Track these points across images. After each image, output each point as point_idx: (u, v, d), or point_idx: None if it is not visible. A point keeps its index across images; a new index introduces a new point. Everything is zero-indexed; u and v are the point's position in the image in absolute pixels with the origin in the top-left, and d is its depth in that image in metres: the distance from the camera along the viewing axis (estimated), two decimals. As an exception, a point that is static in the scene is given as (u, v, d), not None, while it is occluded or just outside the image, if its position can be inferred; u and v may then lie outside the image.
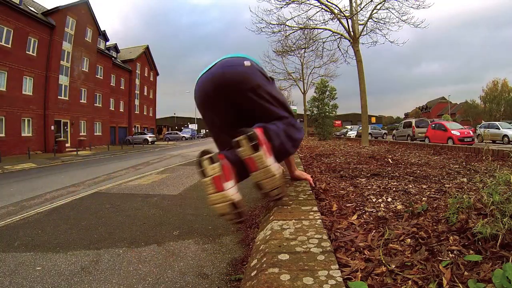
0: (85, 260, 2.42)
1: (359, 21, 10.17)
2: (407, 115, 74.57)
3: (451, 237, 1.52)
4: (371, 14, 10.01)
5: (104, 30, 29.34)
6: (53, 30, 21.25)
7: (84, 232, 3.16)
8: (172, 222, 3.41)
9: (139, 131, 35.70)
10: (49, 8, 22.20)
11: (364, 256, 1.47)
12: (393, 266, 1.30)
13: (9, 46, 17.91)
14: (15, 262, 2.43)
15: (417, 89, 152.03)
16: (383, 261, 1.35)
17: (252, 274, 1.45)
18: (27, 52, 19.25)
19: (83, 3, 24.59)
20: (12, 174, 9.77)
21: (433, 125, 15.59)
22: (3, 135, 17.72)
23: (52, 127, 21.40)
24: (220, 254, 2.47)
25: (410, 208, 2.20)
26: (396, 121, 62.19)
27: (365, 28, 10.20)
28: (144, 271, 2.20)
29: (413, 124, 17.98)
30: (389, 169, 4.67)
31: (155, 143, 31.47)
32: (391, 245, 1.55)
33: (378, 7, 9.87)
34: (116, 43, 34.06)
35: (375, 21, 10.25)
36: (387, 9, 9.86)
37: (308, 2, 10.07)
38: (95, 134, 27.34)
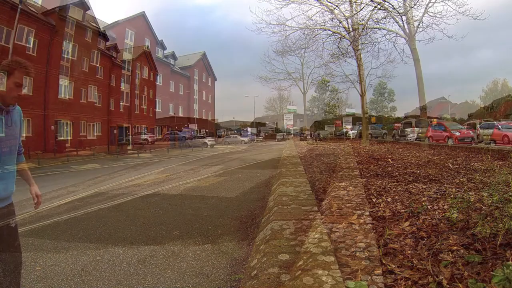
0: (85, 260, 2.42)
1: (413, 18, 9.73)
2: (407, 115, 74.50)
3: (451, 237, 1.52)
4: (425, 10, 9.64)
5: (104, 30, 29.35)
6: (53, 30, 21.24)
7: (83, 232, 3.15)
8: (172, 222, 3.41)
9: (198, 134, 34.28)
10: (49, 8, 22.18)
11: (365, 256, 1.47)
12: (393, 266, 1.30)
13: (9, 46, 17.90)
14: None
15: (417, 89, 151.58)
16: (383, 261, 1.35)
17: (252, 274, 1.45)
18: (27, 52, 19.24)
19: (83, 3, 24.60)
20: (12, 174, 9.75)
21: (433, 125, 15.59)
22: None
23: (52, 127, 21.36)
24: (220, 254, 2.47)
25: (410, 208, 2.20)
26: (396, 121, 62.04)
27: (421, 24, 9.83)
28: (144, 271, 2.20)
29: (413, 124, 17.97)
30: (389, 169, 4.67)
31: (214, 146, 27.45)
32: (391, 245, 1.55)
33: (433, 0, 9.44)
34: (116, 43, 34.04)
35: (431, 16, 9.81)
36: (442, 1, 9.40)
37: (308, 2, 10.09)
38: (95, 134, 27.33)
